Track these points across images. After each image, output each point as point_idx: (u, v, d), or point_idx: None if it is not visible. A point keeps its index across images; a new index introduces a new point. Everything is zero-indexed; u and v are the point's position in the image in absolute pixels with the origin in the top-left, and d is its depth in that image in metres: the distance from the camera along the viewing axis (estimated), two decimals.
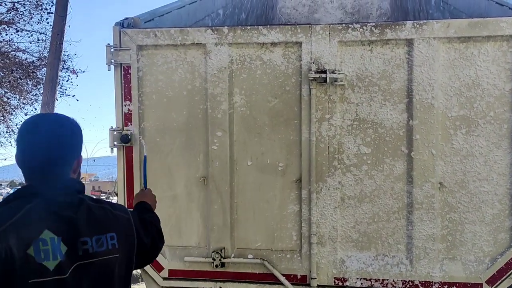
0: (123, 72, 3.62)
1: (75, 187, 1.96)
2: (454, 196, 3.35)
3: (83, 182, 2.14)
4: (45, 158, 1.89)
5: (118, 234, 1.94)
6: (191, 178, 3.63)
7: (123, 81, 3.62)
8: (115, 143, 3.62)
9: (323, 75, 3.34)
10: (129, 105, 3.63)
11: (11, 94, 14.60)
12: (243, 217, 3.58)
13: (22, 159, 1.92)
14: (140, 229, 2.12)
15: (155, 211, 2.64)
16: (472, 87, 3.31)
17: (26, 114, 14.43)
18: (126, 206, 3.54)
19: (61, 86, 13.86)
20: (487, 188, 3.32)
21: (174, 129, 3.62)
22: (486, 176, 3.32)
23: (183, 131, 3.62)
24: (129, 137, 3.60)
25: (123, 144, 3.61)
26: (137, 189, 3.64)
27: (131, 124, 3.63)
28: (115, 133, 3.62)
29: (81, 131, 2.06)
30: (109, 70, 3.62)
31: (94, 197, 2.13)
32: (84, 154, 2.26)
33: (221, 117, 3.55)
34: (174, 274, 3.67)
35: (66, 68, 13.83)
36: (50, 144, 1.90)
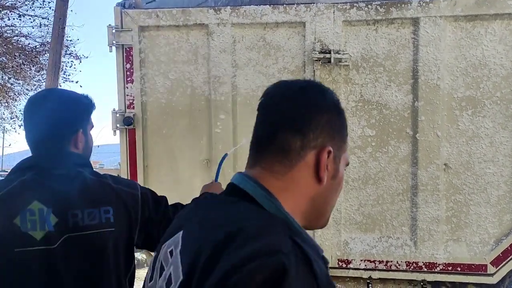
0: (125, 54, 3.59)
1: (73, 160, 1.94)
2: (459, 177, 3.32)
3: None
4: (41, 133, 1.92)
5: (116, 209, 1.91)
6: (195, 161, 3.61)
7: (125, 63, 3.59)
8: (118, 125, 3.60)
9: (327, 56, 3.30)
10: (131, 87, 3.60)
11: (15, 80, 14.59)
12: None
13: (26, 135, 1.97)
14: (150, 206, 2.07)
15: None
16: (479, 67, 3.26)
17: None
18: None
19: (64, 72, 13.85)
20: (493, 170, 3.29)
21: (177, 111, 3.60)
22: (491, 158, 3.29)
23: (186, 113, 3.60)
24: (132, 119, 3.57)
25: (126, 126, 3.59)
26: (140, 172, 3.64)
27: (134, 107, 3.60)
28: (117, 115, 3.60)
29: (83, 105, 2.06)
30: (110, 51, 3.59)
31: (101, 173, 2.10)
32: None
33: (224, 99, 3.52)
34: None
35: (69, 54, 13.79)
36: (47, 118, 1.92)
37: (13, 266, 1.74)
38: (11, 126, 14.96)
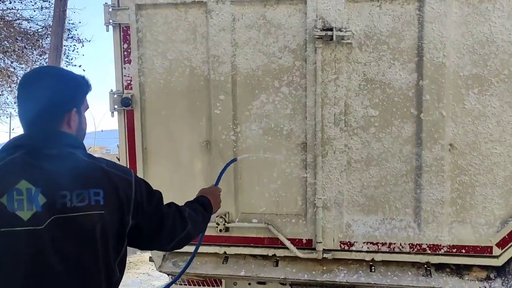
0: (122, 33, 3.51)
1: (65, 140, 1.89)
2: (465, 158, 3.24)
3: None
4: (34, 111, 1.87)
5: (106, 192, 1.85)
6: (194, 142, 3.55)
7: (122, 43, 3.51)
8: (116, 107, 3.54)
9: (329, 33, 3.20)
10: (129, 67, 3.53)
11: (18, 64, 14.53)
12: (247, 181, 3.51)
13: (18, 113, 1.92)
14: (143, 194, 2.01)
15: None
16: (486, 44, 3.15)
17: None
18: None
19: (67, 55, 13.76)
20: (499, 150, 3.20)
21: (176, 92, 3.52)
22: (498, 138, 3.20)
23: (185, 94, 3.52)
24: (130, 100, 3.50)
25: (124, 108, 3.52)
26: (139, 154, 3.58)
27: (132, 87, 3.53)
28: (115, 96, 3.53)
29: (78, 84, 2.01)
30: (107, 31, 3.51)
31: (95, 155, 2.06)
32: (91, 125, 2.19)
33: (224, 79, 3.44)
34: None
35: (71, 37, 13.69)
36: (39, 97, 1.88)
37: None
38: (15, 111, 14.93)
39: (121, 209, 1.90)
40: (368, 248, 3.39)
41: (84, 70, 14.82)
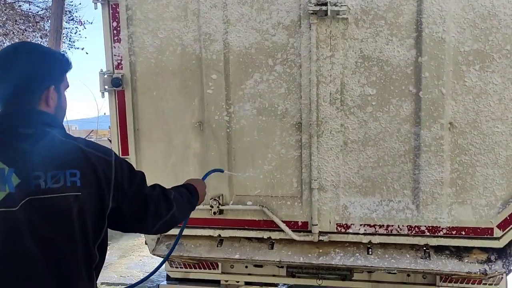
0: (111, 11, 3.41)
1: (41, 119, 1.82)
2: (465, 137, 3.13)
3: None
4: (9, 89, 1.80)
5: (84, 172, 1.78)
6: (187, 123, 3.46)
7: (111, 21, 3.41)
8: (106, 87, 3.45)
9: (324, 8, 3.07)
10: (119, 46, 3.43)
11: None
12: (241, 163, 3.43)
13: None
14: (124, 174, 1.93)
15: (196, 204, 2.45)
16: (488, 18, 3.01)
17: None
18: (120, 153, 3.43)
19: (70, 38, 13.65)
20: (501, 129, 3.08)
21: (167, 71, 3.43)
22: (500, 116, 3.08)
23: (177, 74, 3.43)
24: (120, 80, 3.41)
25: (114, 88, 3.44)
26: (131, 135, 3.52)
27: (122, 67, 3.44)
28: (105, 76, 3.44)
29: (57, 61, 1.93)
30: (95, 8, 3.40)
31: (76, 136, 1.98)
32: (94, 110, 2.13)
33: (216, 58, 3.33)
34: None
35: (72, 19, 13.56)
36: (15, 74, 1.80)
37: None
38: None
39: (100, 190, 1.83)
40: (365, 230, 3.31)
41: (87, 53, 14.73)
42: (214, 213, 3.43)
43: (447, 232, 3.22)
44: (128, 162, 2.03)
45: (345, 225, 3.34)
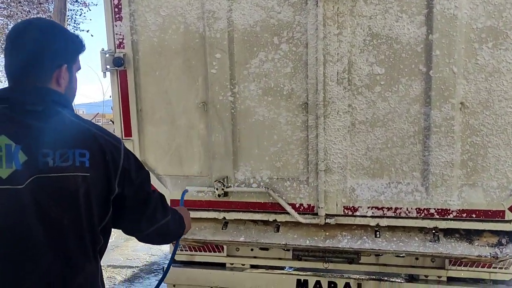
0: None
1: (52, 97, 1.77)
2: (477, 117, 3.03)
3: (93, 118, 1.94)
4: (20, 64, 1.76)
5: (93, 154, 1.74)
6: (190, 103, 3.38)
7: None
8: (108, 67, 3.38)
9: None
10: (120, 25, 3.34)
11: None
12: (246, 144, 3.35)
13: (5, 66, 1.81)
14: (131, 162, 1.91)
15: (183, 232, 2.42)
16: None
17: None
18: (123, 134, 3.38)
19: (74, 20, 13.55)
20: None
21: (170, 51, 3.34)
22: None
23: (180, 53, 3.34)
24: (122, 60, 3.34)
25: (116, 68, 3.36)
26: (133, 116, 3.46)
27: (124, 46, 3.36)
28: (106, 56, 3.37)
29: (71, 40, 1.89)
30: None
31: (83, 118, 1.93)
32: (99, 94, 2.09)
33: (220, 36, 3.24)
34: (176, 204, 3.51)
35: (77, 1, 13.43)
36: (27, 49, 1.76)
37: None
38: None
39: (107, 173, 1.79)
40: (373, 213, 3.24)
41: (92, 35, 14.67)
42: (219, 195, 3.36)
43: (457, 215, 3.14)
44: (136, 157, 2.00)
45: (352, 208, 3.27)
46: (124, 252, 7.88)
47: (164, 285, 4.01)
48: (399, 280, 3.66)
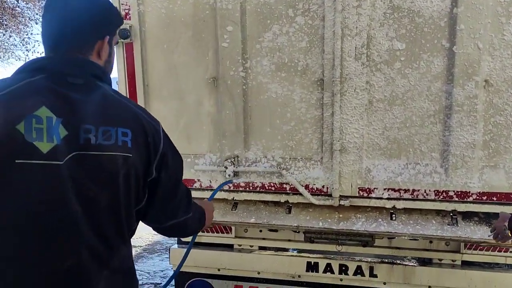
0: None
1: (92, 70, 1.65)
2: (501, 96, 2.89)
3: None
4: (62, 33, 1.63)
5: (135, 134, 1.63)
6: (200, 79, 3.24)
7: None
8: None
9: None
10: None
11: (25, 5, 14.10)
12: (258, 122, 3.21)
13: (43, 33, 1.68)
14: (169, 148, 1.81)
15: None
16: None
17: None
18: None
19: None
20: None
21: (179, 22, 3.18)
22: None
23: (189, 25, 3.18)
24: (128, 32, 3.18)
25: (122, 40, 3.20)
26: (140, 92, 3.32)
27: (130, 17, 3.19)
28: None
29: (115, 11, 1.79)
30: None
31: (124, 95, 1.85)
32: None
33: (232, 7, 3.08)
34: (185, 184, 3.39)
35: None
36: (69, 17, 1.64)
37: (10, 179, 1.47)
38: (23, 53, 14.63)
39: (148, 156, 1.69)
40: (389, 195, 3.12)
41: None
42: (229, 175, 3.24)
43: (477, 197, 3.02)
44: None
45: (367, 189, 3.15)
46: None
47: (169, 266, 3.92)
48: (412, 264, 3.56)
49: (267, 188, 3.26)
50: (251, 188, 3.29)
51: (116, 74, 3.39)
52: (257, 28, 3.09)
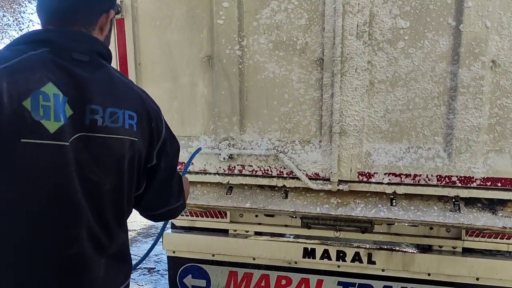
0: None
1: (98, 48, 1.54)
2: (509, 77, 2.76)
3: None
4: (64, 4, 1.51)
5: (140, 117, 1.55)
6: (194, 57, 3.10)
7: None
8: None
9: None
10: None
11: None
12: (255, 103, 3.09)
13: (39, 4, 1.54)
14: (170, 134, 1.73)
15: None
16: None
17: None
18: None
19: None
20: None
21: None
22: None
23: (183, 0, 3.04)
24: (119, 7, 3.03)
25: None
26: (132, 70, 3.18)
27: None
28: None
29: None
30: None
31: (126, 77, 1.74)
32: None
33: None
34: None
35: None
36: None
37: (14, 160, 1.35)
38: (17, 33, 14.42)
39: (151, 142, 1.61)
40: (389, 180, 3.00)
41: None
42: (224, 158, 3.12)
43: (481, 183, 2.91)
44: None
45: (367, 174, 3.03)
46: None
47: (164, 250, 3.84)
48: (412, 250, 3.47)
49: (263, 172, 3.15)
50: (247, 172, 3.17)
51: None
52: (254, 4, 2.96)
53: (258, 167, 3.15)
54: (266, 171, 3.15)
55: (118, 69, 3.14)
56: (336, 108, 2.93)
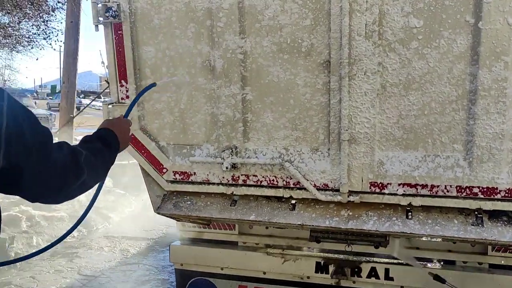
0: None
1: None
2: None
3: None
4: None
5: None
6: (194, 62, 2.97)
7: None
8: (100, 19, 2.97)
9: None
10: None
11: None
12: (259, 110, 2.92)
13: None
14: (22, 124, 1.46)
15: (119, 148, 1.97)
16: None
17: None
18: (119, 98, 2.99)
19: None
20: None
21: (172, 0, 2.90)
22: None
23: (182, 4, 2.90)
24: (117, 11, 2.91)
25: (111, 19, 2.94)
26: (131, 76, 3.07)
27: None
28: (99, 5, 2.95)
29: None
30: None
31: None
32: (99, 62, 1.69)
33: None
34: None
35: None
36: None
37: None
38: (46, 41, 14.75)
39: None
40: (404, 191, 2.78)
41: None
42: (227, 168, 2.96)
43: (506, 194, 2.65)
44: (29, 109, 1.52)
45: (380, 184, 2.82)
46: (139, 223, 7.58)
47: (168, 263, 3.70)
48: (434, 266, 3.23)
49: (268, 182, 2.97)
50: (251, 182, 3.00)
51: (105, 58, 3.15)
52: (256, 5, 2.79)
53: (263, 176, 2.98)
54: (272, 181, 2.97)
55: (117, 75, 3.05)
56: (345, 114, 2.73)
